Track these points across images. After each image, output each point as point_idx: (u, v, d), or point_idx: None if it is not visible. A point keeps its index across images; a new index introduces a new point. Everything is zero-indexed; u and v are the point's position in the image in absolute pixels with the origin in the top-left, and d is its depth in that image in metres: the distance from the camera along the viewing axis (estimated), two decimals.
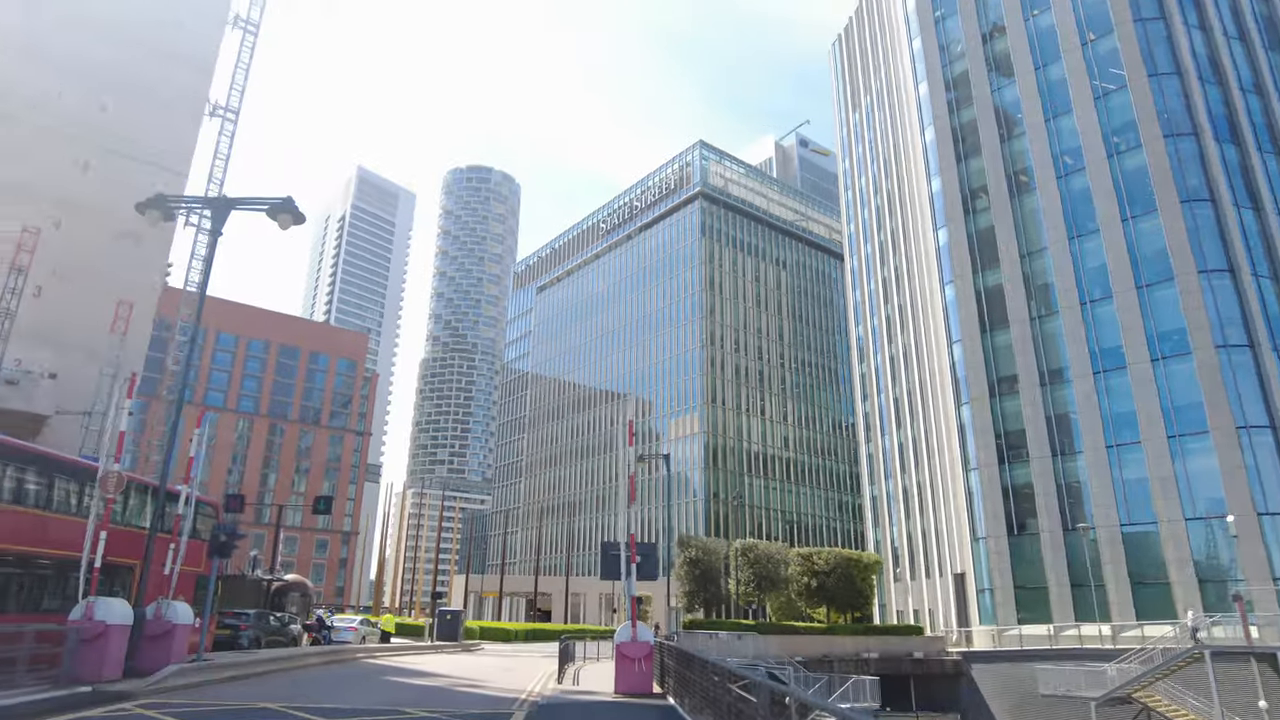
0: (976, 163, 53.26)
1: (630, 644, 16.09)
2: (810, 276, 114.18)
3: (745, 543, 43.83)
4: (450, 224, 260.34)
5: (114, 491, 15.03)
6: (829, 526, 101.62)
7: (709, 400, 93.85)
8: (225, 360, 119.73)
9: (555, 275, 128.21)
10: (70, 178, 36.76)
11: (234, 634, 22.79)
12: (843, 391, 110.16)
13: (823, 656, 41.69)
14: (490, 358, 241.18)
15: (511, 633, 52.35)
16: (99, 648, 14.13)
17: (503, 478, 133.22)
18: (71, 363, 33.92)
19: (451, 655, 33.20)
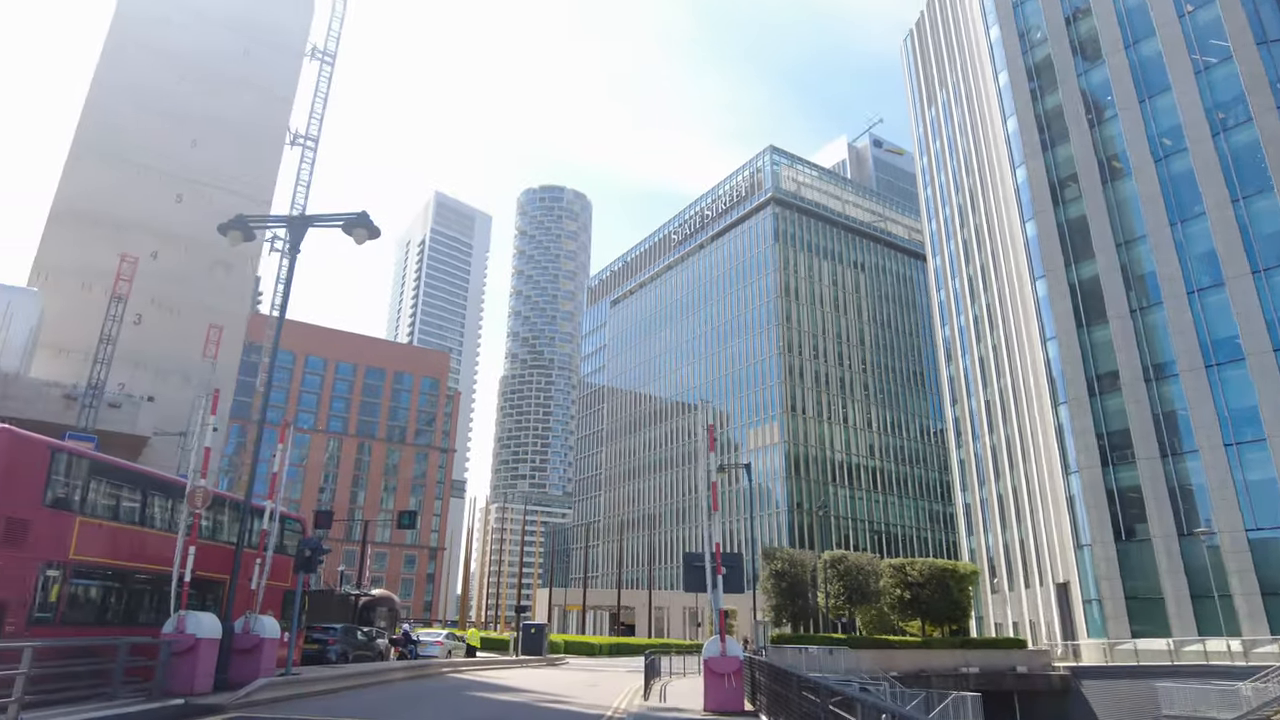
0: (1064, 150, 50.63)
1: (719, 659, 15.35)
2: (891, 279, 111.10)
3: (834, 554, 42.32)
4: (525, 244, 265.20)
5: (201, 507, 15.23)
6: (919, 536, 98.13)
7: (788, 409, 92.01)
8: (314, 383, 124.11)
9: (628, 289, 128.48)
10: (166, 212, 38.59)
11: (322, 648, 23.00)
12: (930, 396, 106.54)
13: (919, 671, 39.82)
14: (567, 373, 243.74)
15: (595, 646, 51.99)
16: (190, 661, 14.26)
17: (582, 491, 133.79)
18: (169, 386, 35.35)
19: (536, 670, 32.96)
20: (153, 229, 38.14)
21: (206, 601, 17.42)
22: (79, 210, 36.51)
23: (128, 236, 37.17)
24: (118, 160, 38.06)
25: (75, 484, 14.26)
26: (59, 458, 13.88)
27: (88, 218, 36.57)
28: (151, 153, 38.75)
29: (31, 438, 13.53)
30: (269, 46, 44.62)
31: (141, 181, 38.36)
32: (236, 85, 42.58)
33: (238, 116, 42.04)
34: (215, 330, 35.11)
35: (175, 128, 40.00)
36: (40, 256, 35.10)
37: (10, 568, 12.58)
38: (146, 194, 38.33)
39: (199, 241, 39.40)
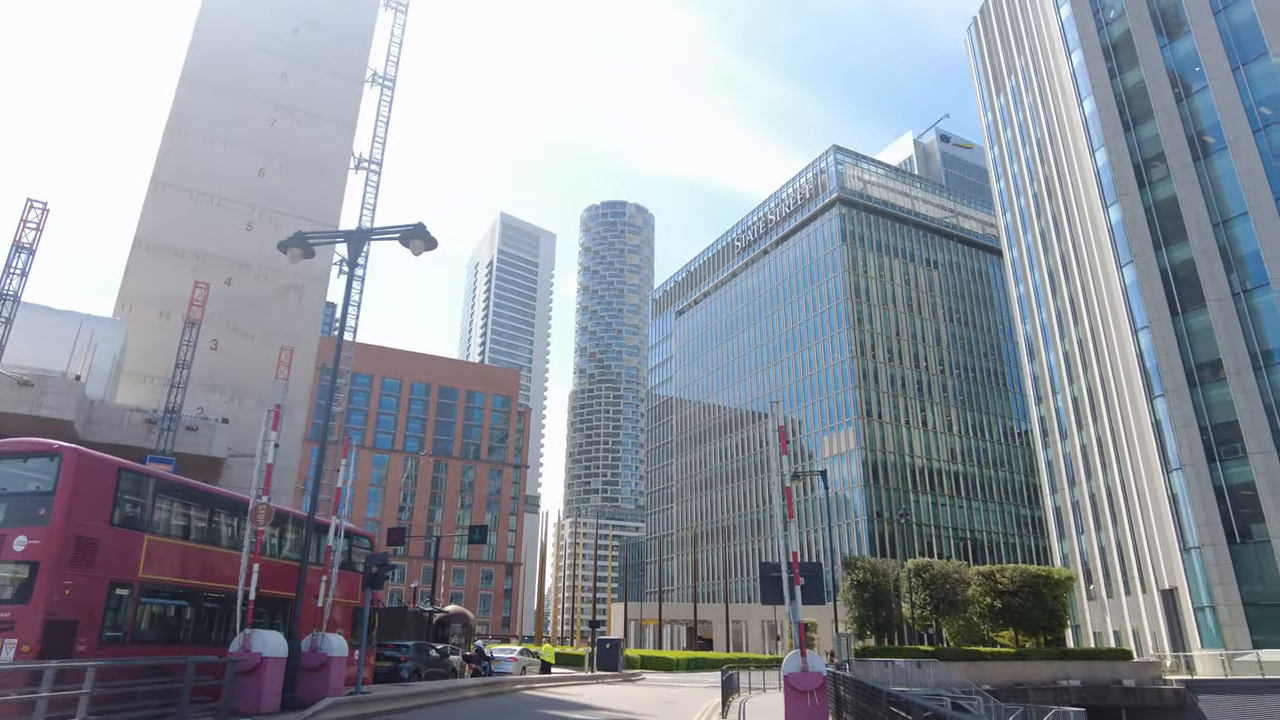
0: (1148, 128, 47.83)
1: (800, 675, 14.39)
2: (965, 275, 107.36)
3: (918, 562, 40.44)
4: (589, 260, 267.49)
5: (263, 524, 15.12)
6: (1006, 543, 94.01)
7: (863, 414, 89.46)
8: (391, 404, 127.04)
9: (693, 298, 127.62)
10: (238, 240, 39.66)
11: (394, 666, 22.84)
12: (1012, 395, 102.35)
13: (1014, 685, 37.62)
14: (635, 386, 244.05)
15: (672, 662, 51.02)
16: (256, 680, 14.09)
17: (654, 504, 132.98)
18: (245, 409, 36.17)
19: (611, 686, 32.30)
20: (227, 257, 39.25)
21: (276, 620, 17.34)
22: (157, 242, 37.83)
23: (204, 265, 38.34)
24: (192, 192, 39.38)
25: (143, 503, 14.31)
26: (126, 476, 13.95)
27: (166, 249, 37.86)
28: (223, 183, 39.96)
29: (99, 457, 13.63)
30: (331, 75, 45.68)
31: (215, 212, 39.56)
32: (300, 114, 43.71)
33: (302, 144, 43.10)
34: (286, 352, 35.78)
35: (244, 158, 41.21)
36: (124, 288, 36.44)
37: (81, 587, 12.61)
38: (219, 224, 39.49)
39: (271, 268, 40.42)
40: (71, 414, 25.00)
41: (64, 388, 25.13)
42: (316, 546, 18.56)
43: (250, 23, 43.76)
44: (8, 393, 24.11)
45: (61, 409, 24.78)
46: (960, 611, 39.46)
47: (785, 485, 15.92)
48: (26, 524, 12.43)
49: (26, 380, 24.31)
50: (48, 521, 12.40)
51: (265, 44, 43.63)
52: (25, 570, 12.13)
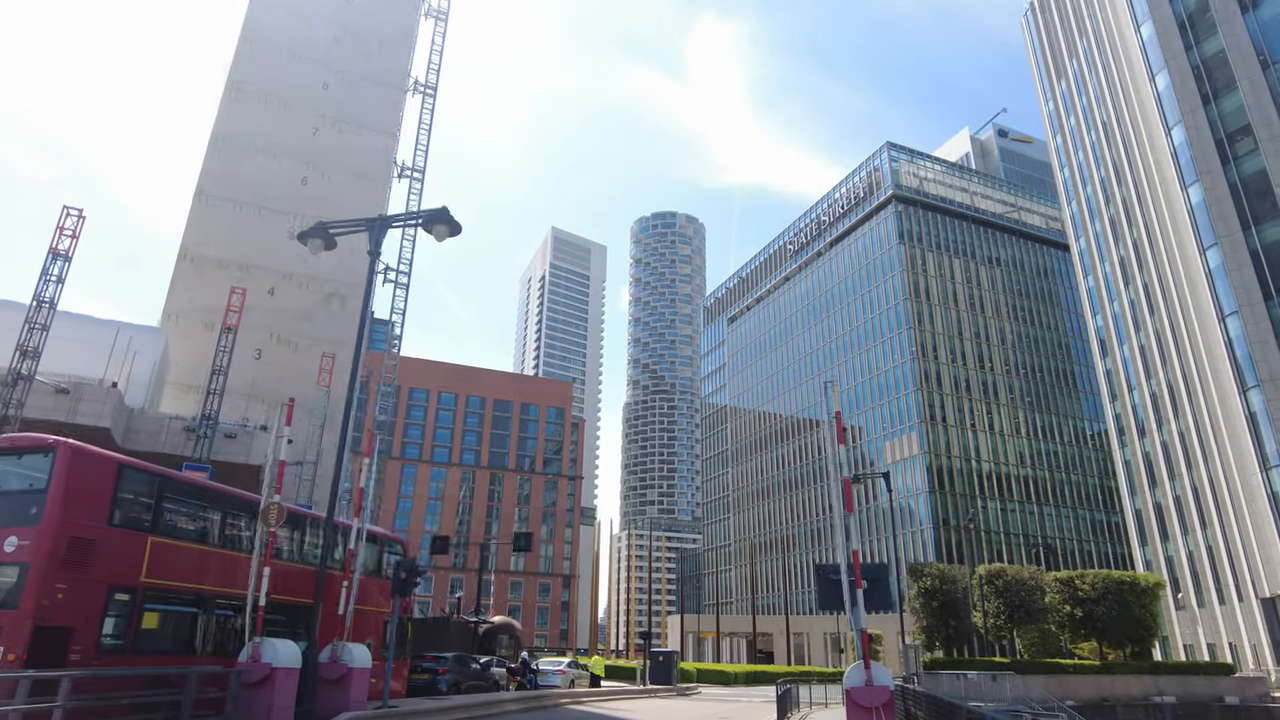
0: (1231, 100, 44.59)
1: (864, 689, 12.71)
2: (1029, 272, 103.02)
3: (991, 568, 37.80)
4: (640, 272, 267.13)
5: (275, 524, 14.13)
6: (1081, 550, 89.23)
7: (926, 418, 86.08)
8: (447, 418, 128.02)
9: (745, 304, 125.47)
10: (281, 250, 39.57)
11: (432, 679, 21.71)
12: (1083, 395, 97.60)
13: (1100, 700, 34.81)
14: (689, 396, 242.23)
15: (730, 675, 49.10)
16: (265, 693, 13.04)
17: (711, 514, 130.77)
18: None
19: (664, 700, 30.72)
20: (270, 267, 39.22)
21: (297, 629, 16.34)
22: (202, 254, 37.97)
23: (247, 276, 38.32)
24: (235, 203, 39.51)
25: (146, 502, 13.43)
26: (127, 474, 13.07)
27: (210, 260, 37.96)
28: (266, 193, 40.00)
29: (97, 453, 12.78)
30: (372, 83, 45.60)
31: (258, 222, 39.58)
32: (342, 123, 43.69)
33: (345, 153, 43.04)
34: (328, 359, 35.36)
35: (287, 167, 41.24)
36: (169, 300, 36.61)
37: (75, 591, 11.71)
38: (263, 234, 39.50)
39: (314, 277, 40.30)
40: (108, 421, 24.73)
41: (101, 395, 24.88)
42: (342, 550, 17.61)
43: (293, 33, 43.95)
44: (45, 400, 23.95)
45: (98, 416, 24.52)
46: (1037, 621, 36.74)
47: (843, 476, 14.27)
48: (17, 523, 11.60)
49: (64, 388, 24.14)
50: (39, 521, 11.55)
51: (307, 54, 43.76)
52: (14, 573, 11.28)
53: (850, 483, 14.43)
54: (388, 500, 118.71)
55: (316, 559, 17.76)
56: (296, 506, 17.79)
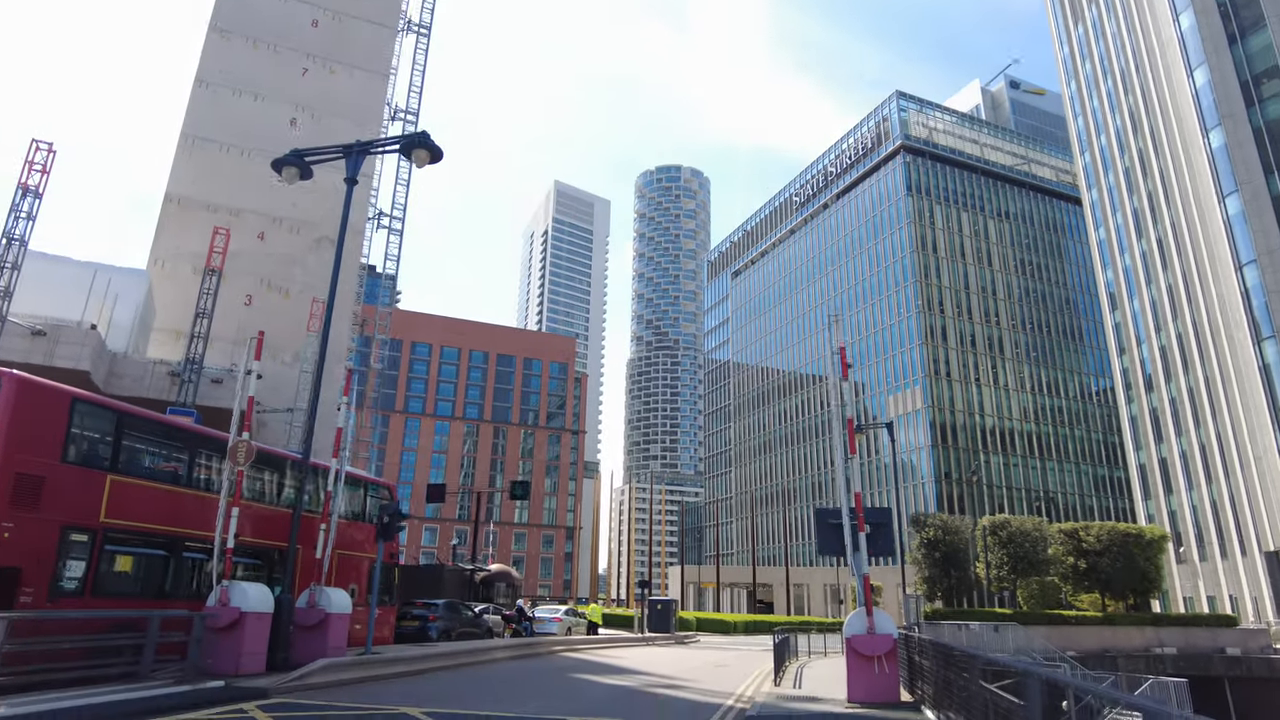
0: (1258, 39, 42.73)
1: (865, 638, 12.05)
2: (1038, 225, 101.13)
3: (995, 519, 37.26)
4: (644, 226, 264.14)
5: (244, 463, 13.39)
6: (1083, 504, 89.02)
7: (930, 372, 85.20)
8: (450, 372, 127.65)
9: (749, 258, 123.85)
10: (271, 193, 38.27)
11: (422, 625, 21.26)
12: (1089, 350, 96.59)
13: (1102, 651, 34.50)
14: (693, 352, 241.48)
15: (730, 624, 49.14)
16: (234, 638, 12.43)
17: (713, 468, 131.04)
18: (281, 365, 35.09)
19: (661, 648, 30.47)
20: (260, 211, 38.11)
21: (275, 574, 15.76)
22: (189, 197, 36.86)
23: (237, 220, 37.25)
24: (222, 145, 38.23)
25: (105, 439, 12.67)
26: (82, 408, 12.29)
27: (198, 204, 36.85)
28: (253, 136, 38.61)
29: (47, 385, 11.99)
30: (363, 22, 43.90)
31: (246, 165, 38.30)
32: (332, 63, 42.13)
33: (335, 94, 41.56)
34: (318, 305, 34.46)
35: (275, 109, 39.83)
36: (156, 244, 35.60)
37: (24, 530, 11.00)
38: (251, 177, 38.21)
39: (305, 221, 39.21)
40: (88, 364, 23.98)
41: (79, 337, 24.09)
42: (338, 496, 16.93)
43: None
44: (20, 342, 23.18)
45: (76, 359, 23.76)
46: (1040, 573, 36.30)
47: (846, 416, 13.45)
48: None
49: (40, 329, 23.35)
50: None
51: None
52: None
53: (854, 425, 13.62)
54: (391, 453, 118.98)
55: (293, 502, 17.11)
56: (272, 448, 17.07)
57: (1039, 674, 5.96)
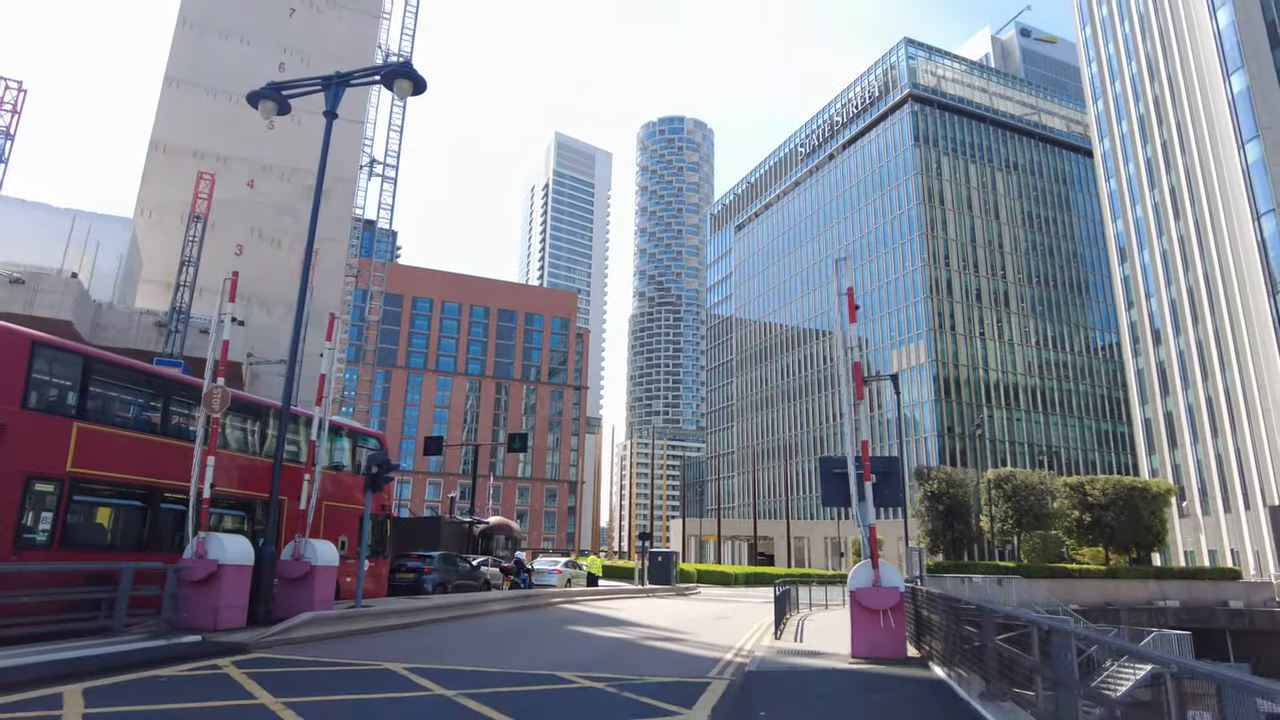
0: None
1: (871, 591, 11.52)
2: (1047, 177, 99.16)
3: (1000, 472, 36.81)
4: (647, 179, 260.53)
5: (219, 410, 12.77)
6: (1086, 459, 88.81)
7: (935, 326, 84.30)
8: (452, 328, 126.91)
9: (753, 210, 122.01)
10: (260, 140, 37.17)
11: (416, 578, 20.89)
12: (1094, 305, 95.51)
13: (1104, 605, 34.37)
14: (695, 308, 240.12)
15: (730, 576, 49.18)
16: (212, 591, 11.94)
17: (715, 423, 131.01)
18: (275, 316, 34.42)
19: (661, 600, 30.28)
20: (249, 158, 37.04)
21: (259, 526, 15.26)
22: (175, 144, 35.78)
23: (225, 168, 36.21)
24: (208, 90, 36.99)
25: (70, 385, 12.03)
26: (44, 352, 11.63)
27: (185, 151, 35.77)
28: (241, 80, 37.11)
29: (3, 328, 11.30)
30: None
31: (234, 111, 37.03)
32: (321, 2, 40.57)
33: (324, 36, 40.12)
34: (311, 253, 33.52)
35: (262, 52, 38.42)
36: (142, 193, 34.65)
37: None
38: (240, 123, 36.98)
39: (296, 169, 38.13)
40: (69, 313, 23.28)
41: (59, 285, 23.33)
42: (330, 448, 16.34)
43: None
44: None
45: (57, 308, 23.05)
46: (1044, 526, 35.98)
47: (853, 360, 12.76)
48: None
49: (18, 277, 22.60)
50: None
51: None
52: None
53: (860, 362, 12.93)
54: (394, 409, 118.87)
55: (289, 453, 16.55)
56: (255, 396, 16.45)
57: (1066, 628, 5.35)
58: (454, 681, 9.59)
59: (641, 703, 8.68)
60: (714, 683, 10.25)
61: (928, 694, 9.19)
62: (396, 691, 8.85)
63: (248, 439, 15.87)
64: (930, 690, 9.30)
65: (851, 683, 10.10)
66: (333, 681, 9.44)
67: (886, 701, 8.85)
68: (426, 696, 8.64)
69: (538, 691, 9.25)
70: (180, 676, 9.13)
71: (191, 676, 9.18)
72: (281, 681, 9.17)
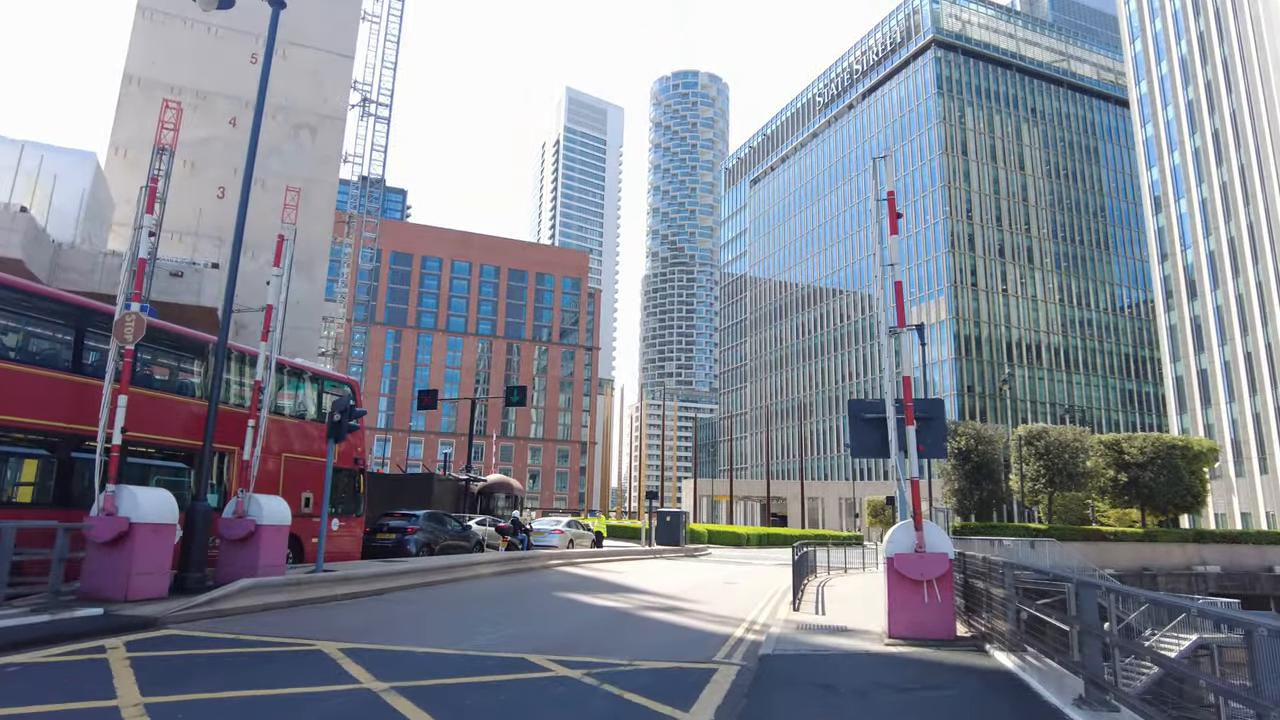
0: None
1: (913, 557, 9.43)
2: (1075, 128, 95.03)
3: (1032, 428, 34.52)
4: (660, 136, 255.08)
5: (132, 341, 10.74)
6: (1110, 420, 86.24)
7: (955, 281, 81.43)
8: (462, 287, 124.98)
9: (769, 164, 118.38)
10: (243, 75, 34.76)
11: (399, 539, 19.07)
12: (1121, 260, 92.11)
13: (1141, 570, 32.35)
14: (709, 268, 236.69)
15: (742, 537, 47.46)
16: (123, 555, 10.02)
17: (728, 384, 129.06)
18: (260, 262, 32.30)
19: (668, 562, 28.48)
20: (231, 95, 34.68)
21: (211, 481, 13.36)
22: (150, 78, 33.46)
23: (205, 104, 33.94)
24: (186, 20, 34.50)
25: None
26: None
27: (161, 85, 33.39)
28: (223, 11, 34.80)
29: None
30: None
31: (214, 43, 34.75)
32: None
33: None
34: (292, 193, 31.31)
35: None
36: (115, 130, 32.45)
37: None
38: (220, 56, 34.75)
39: (281, 106, 35.72)
40: (19, 251, 21.31)
41: (6, 221, 21.32)
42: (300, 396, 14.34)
43: None
44: None
45: (4, 245, 21.09)
46: (1078, 486, 33.79)
47: (896, 280, 10.55)
48: None
49: None
50: None
51: None
52: None
53: (901, 281, 10.71)
54: (405, 369, 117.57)
55: (235, 396, 14.59)
56: (195, 332, 14.43)
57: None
58: (393, 668, 7.64)
59: (624, 701, 6.70)
60: (720, 669, 8.26)
61: (999, 694, 7.12)
62: (312, 684, 6.90)
63: (188, 380, 13.91)
64: (1001, 688, 7.23)
65: (895, 673, 8.06)
66: (236, 670, 7.50)
67: (947, 704, 6.79)
68: (347, 691, 6.69)
69: (494, 684, 7.28)
70: (38, 664, 7.20)
71: (55, 663, 7.26)
72: (168, 671, 7.23)
